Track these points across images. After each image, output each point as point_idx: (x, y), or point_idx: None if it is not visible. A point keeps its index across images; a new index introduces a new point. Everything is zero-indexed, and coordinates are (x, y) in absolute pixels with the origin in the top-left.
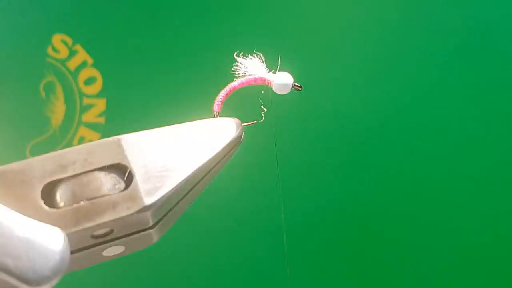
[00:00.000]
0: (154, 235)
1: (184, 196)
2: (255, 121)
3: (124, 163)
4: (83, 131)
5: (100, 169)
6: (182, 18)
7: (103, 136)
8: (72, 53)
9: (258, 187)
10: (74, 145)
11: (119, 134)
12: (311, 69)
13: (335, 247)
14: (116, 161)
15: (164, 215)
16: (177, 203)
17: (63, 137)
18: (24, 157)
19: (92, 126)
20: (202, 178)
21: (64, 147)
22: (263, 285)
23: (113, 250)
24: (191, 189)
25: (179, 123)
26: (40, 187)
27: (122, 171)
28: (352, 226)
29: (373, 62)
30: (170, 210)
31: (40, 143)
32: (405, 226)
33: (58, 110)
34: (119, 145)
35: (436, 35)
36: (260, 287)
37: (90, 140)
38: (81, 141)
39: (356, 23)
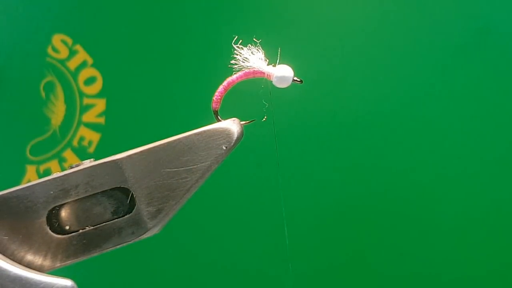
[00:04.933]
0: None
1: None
2: (255, 119)
3: (126, 186)
4: (83, 131)
5: (103, 192)
6: (182, 18)
7: (103, 136)
8: (72, 53)
9: (258, 186)
10: (74, 145)
11: (119, 134)
12: (311, 69)
13: (336, 246)
14: (118, 185)
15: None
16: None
17: (63, 137)
18: (24, 157)
19: (92, 126)
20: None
21: (64, 147)
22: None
23: None
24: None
25: (179, 123)
26: (45, 214)
27: (124, 193)
28: (352, 226)
29: (373, 62)
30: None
31: (40, 143)
32: (405, 226)
33: (58, 110)
34: (120, 167)
35: (437, 35)
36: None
37: (90, 140)
38: (81, 141)
39: (357, 23)
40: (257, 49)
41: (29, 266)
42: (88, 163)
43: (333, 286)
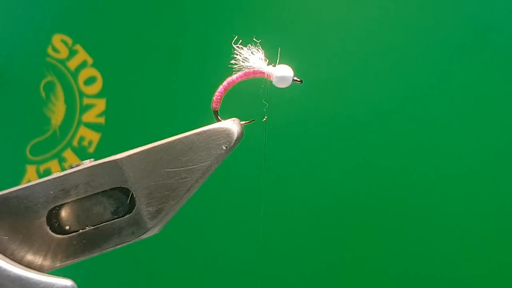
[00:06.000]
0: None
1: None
2: (255, 119)
3: (126, 186)
4: (83, 131)
5: (103, 192)
6: (182, 18)
7: (103, 136)
8: (72, 53)
9: (257, 186)
10: (74, 145)
11: (119, 134)
12: (311, 69)
13: (335, 246)
14: (118, 184)
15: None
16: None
17: (63, 137)
18: (24, 157)
19: (92, 126)
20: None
21: (64, 147)
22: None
23: None
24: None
25: (179, 123)
26: (45, 213)
27: (124, 193)
28: (352, 226)
29: (373, 62)
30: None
31: (40, 143)
32: (404, 226)
33: (58, 110)
34: (120, 167)
35: (436, 34)
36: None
37: (90, 140)
38: (81, 141)
39: (357, 23)
40: (257, 49)
41: (29, 266)
42: (88, 163)
43: (332, 286)
